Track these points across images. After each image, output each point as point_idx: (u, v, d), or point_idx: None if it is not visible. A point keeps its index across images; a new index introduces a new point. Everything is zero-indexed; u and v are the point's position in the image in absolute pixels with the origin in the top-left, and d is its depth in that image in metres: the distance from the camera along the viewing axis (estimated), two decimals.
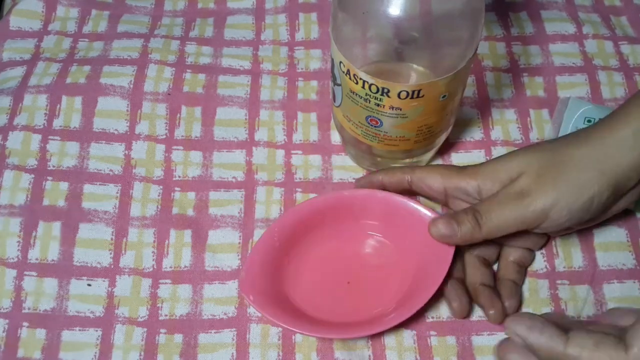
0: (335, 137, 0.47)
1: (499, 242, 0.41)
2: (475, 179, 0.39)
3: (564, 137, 0.39)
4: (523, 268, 0.42)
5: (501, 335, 0.40)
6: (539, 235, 0.41)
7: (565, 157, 0.37)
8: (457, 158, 0.46)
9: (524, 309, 0.41)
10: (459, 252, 0.40)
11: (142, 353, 0.39)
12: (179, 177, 0.45)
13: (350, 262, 0.42)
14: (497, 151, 0.46)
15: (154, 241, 0.43)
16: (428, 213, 0.41)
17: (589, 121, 0.45)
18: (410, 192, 0.42)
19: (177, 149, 0.46)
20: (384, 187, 0.42)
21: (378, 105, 0.37)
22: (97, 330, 0.40)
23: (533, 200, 0.36)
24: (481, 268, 0.41)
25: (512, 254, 0.41)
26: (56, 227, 0.43)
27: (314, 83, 0.50)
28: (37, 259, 0.42)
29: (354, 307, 0.40)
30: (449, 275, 0.39)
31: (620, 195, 0.37)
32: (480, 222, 0.37)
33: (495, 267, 0.42)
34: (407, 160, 0.44)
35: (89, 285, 0.41)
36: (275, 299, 0.39)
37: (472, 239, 0.38)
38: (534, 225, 0.37)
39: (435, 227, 0.38)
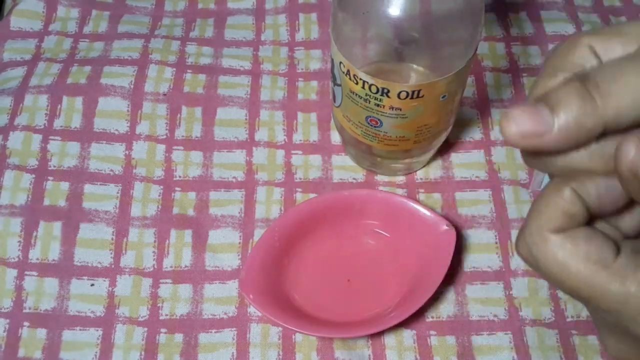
0: (335, 137, 0.47)
1: None
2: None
3: None
4: None
5: (501, 335, 0.40)
6: None
7: None
8: (457, 158, 0.46)
9: (524, 309, 0.41)
10: None
11: (143, 353, 0.39)
12: (180, 177, 0.45)
13: (350, 261, 0.42)
14: (497, 151, 0.47)
15: (155, 241, 0.43)
16: (428, 213, 0.41)
17: None
18: None
19: (178, 149, 0.47)
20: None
21: (378, 105, 0.37)
22: (97, 330, 0.40)
23: None
24: None
25: None
26: (57, 227, 0.43)
27: (314, 83, 0.50)
28: (37, 259, 0.42)
29: (354, 306, 0.40)
30: (448, 275, 0.39)
31: None
32: (596, 94, 0.19)
33: None
34: (407, 160, 0.44)
35: (92, 285, 0.41)
36: (276, 299, 0.39)
37: (582, 130, 0.20)
38: None
39: (510, 122, 0.20)
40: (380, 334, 0.40)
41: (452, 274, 0.42)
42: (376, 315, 0.39)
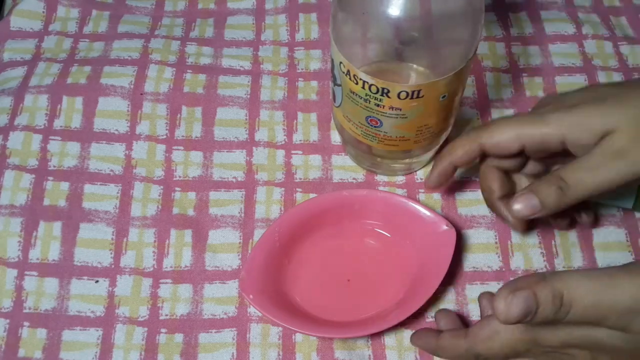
0: (335, 137, 0.47)
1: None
2: (560, 127, 0.34)
3: None
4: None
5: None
6: None
7: None
8: None
9: None
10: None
11: (143, 353, 0.39)
12: (180, 177, 0.45)
13: (350, 261, 0.42)
14: None
15: (155, 241, 0.43)
16: (428, 213, 0.41)
17: None
18: (482, 160, 0.39)
19: (178, 149, 0.47)
20: (455, 167, 0.38)
21: (378, 105, 0.37)
22: (97, 330, 0.40)
23: (635, 162, 0.32)
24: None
25: None
26: (57, 227, 0.43)
27: (314, 83, 0.50)
28: (37, 259, 0.42)
29: (354, 306, 0.40)
30: (448, 275, 0.40)
31: None
32: (566, 192, 0.33)
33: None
34: (407, 160, 0.44)
35: (97, 281, 0.41)
36: (276, 298, 0.39)
37: (559, 208, 0.34)
38: (629, 185, 0.33)
39: (515, 207, 0.34)
40: (380, 333, 0.40)
41: (452, 274, 0.42)
42: (376, 315, 0.39)
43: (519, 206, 0.34)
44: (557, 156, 0.36)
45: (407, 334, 0.40)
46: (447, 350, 0.36)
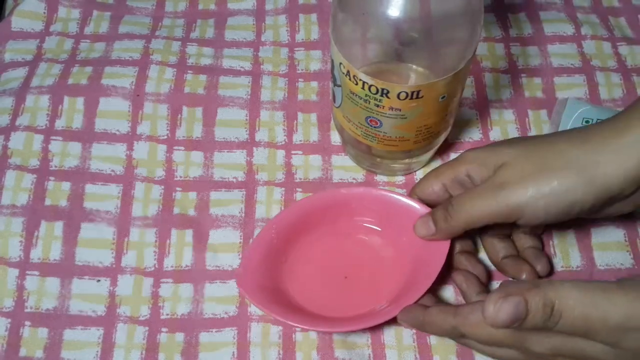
0: (335, 138, 0.47)
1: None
2: (463, 164, 0.38)
3: (561, 132, 0.37)
4: (536, 236, 0.42)
5: None
6: None
7: (555, 155, 0.34)
8: None
9: None
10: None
11: (144, 352, 0.40)
12: (180, 177, 0.46)
13: (347, 257, 0.42)
14: None
15: (156, 241, 0.43)
16: (424, 209, 0.41)
17: (586, 122, 0.45)
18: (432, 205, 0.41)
19: (179, 149, 0.47)
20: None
21: (378, 106, 0.37)
22: (98, 329, 0.40)
23: (510, 193, 0.34)
24: (499, 243, 0.41)
25: (522, 227, 0.41)
26: (58, 226, 0.43)
27: (314, 84, 0.50)
28: (39, 259, 0.42)
29: (351, 302, 0.40)
30: (444, 271, 0.40)
31: (609, 204, 0.35)
32: (452, 215, 0.36)
33: None
34: (407, 161, 0.44)
35: (98, 281, 0.41)
36: (273, 295, 0.39)
37: (450, 233, 0.38)
38: (509, 220, 0.35)
39: (416, 228, 0.39)
40: (380, 333, 0.40)
41: (449, 271, 0.42)
42: (373, 311, 0.39)
43: (418, 226, 0.39)
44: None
45: (406, 332, 0.40)
46: (433, 325, 0.36)
